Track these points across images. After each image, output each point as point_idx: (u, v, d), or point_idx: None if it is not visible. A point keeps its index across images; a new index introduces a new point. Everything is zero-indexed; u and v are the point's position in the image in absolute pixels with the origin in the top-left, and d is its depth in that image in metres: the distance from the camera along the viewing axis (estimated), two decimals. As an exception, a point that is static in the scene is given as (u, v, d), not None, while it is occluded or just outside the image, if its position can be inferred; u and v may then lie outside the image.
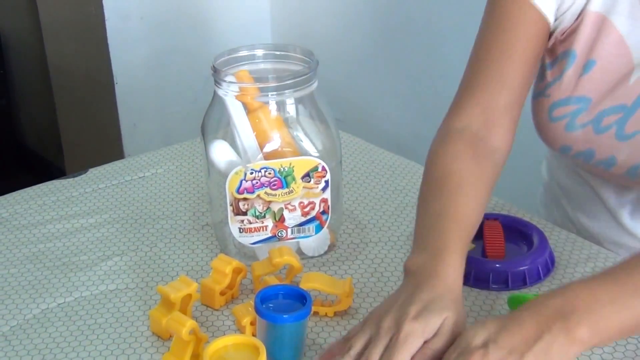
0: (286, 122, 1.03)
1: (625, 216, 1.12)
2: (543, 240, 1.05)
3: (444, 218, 0.92)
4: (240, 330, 0.93)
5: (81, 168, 1.35)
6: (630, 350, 0.90)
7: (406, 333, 0.78)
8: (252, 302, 0.93)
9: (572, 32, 1.03)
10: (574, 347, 0.76)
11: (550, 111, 1.05)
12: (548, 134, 1.07)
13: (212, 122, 1.04)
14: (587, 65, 1.02)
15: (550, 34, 1.05)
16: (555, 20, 1.03)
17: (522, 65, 1.02)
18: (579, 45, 1.02)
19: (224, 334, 0.93)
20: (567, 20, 1.02)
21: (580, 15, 1.01)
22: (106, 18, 2.47)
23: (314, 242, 1.07)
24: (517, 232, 1.08)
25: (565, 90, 1.03)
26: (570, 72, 1.03)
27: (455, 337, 0.79)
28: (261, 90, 1.01)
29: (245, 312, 0.92)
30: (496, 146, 1.02)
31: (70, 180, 1.31)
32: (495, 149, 1.02)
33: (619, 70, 1.00)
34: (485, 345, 0.75)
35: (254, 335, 0.90)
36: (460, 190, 0.96)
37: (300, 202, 1.03)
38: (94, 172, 1.33)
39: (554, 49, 1.05)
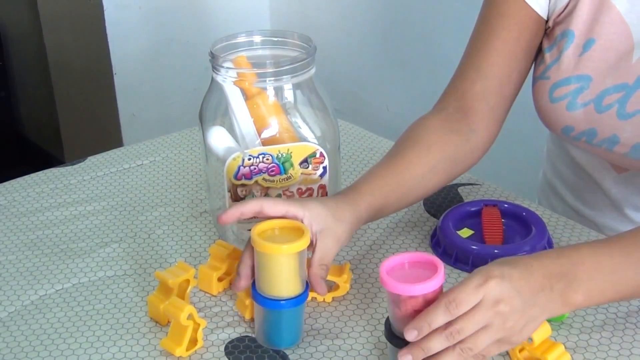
0: (284, 108, 1.03)
1: (628, 207, 1.12)
2: (542, 226, 1.05)
3: (379, 165, 1.02)
4: (241, 311, 0.93)
5: (80, 158, 1.35)
6: (627, 342, 0.90)
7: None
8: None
9: (569, 13, 1.04)
10: (565, 308, 0.82)
11: (551, 92, 1.06)
12: (550, 116, 1.07)
13: (210, 109, 1.04)
14: (586, 44, 1.03)
15: (548, 19, 1.05)
16: (550, 4, 1.04)
17: (501, 55, 1.06)
18: (577, 24, 1.03)
19: (222, 320, 0.93)
20: (562, 2, 1.04)
21: None
22: (105, 8, 2.47)
23: (312, 228, 1.07)
24: (516, 218, 1.08)
25: (566, 71, 1.04)
26: (569, 52, 1.04)
27: None
28: (259, 76, 1.00)
29: (249, 293, 0.92)
30: (471, 128, 1.06)
31: (69, 168, 1.31)
32: (470, 130, 1.06)
33: (620, 48, 1.01)
34: (502, 276, 0.78)
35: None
36: (412, 148, 1.03)
37: (299, 189, 1.03)
38: (92, 160, 1.33)
39: (552, 32, 1.05)
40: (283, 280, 0.87)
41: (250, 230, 1.04)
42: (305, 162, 1.02)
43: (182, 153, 1.35)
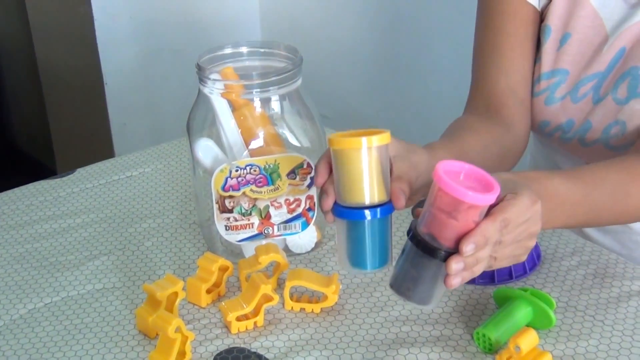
0: (271, 119, 1.03)
1: None
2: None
3: (438, 141, 1.00)
4: (227, 326, 0.93)
5: (72, 168, 1.35)
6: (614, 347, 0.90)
7: None
8: (240, 299, 0.93)
9: (547, 8, 1.07)
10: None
11: (533, 87, 1.09)
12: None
13: (197, 121, 1.04)
14: (563, 39, 1.07)
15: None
16: (539, 0, 1.08)
17: (515, 50, 1.08)
18: (553, 20, 1.07)
19: (211, 332, 0.93)
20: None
21: None
22: (95, 18, 2.47)
23: (300, 239, 1.07)
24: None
25: (545, 65, 1.08)
26: (548, 46, 1.07)
27: None
28: (246, 87, 1.01)
29: (232, 308, 0.93)
30: (507, 122, 1.07)
31: (58, 180, 1.31)
32: (506, 124, 1.07)
33: (594, 42, 1.05)
34: (539, 198, 0.81)
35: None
36: (463, 130, 1.04)
37: (286, 199, 1.03)
38: (81, 172, 1.33)
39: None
40: (365, 182, 0.80)
41: (238, 241, 1.04)
42: (292, 173, 1.02)
43: (172, 164, 1.35)
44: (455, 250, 0.76)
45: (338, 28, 2.57)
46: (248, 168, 1.01)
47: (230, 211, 1.02)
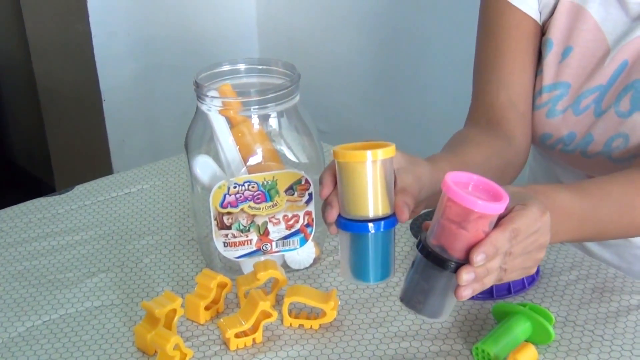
0: (269, 136, 1.03)
1: None
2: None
3: (439, 153, 1.01)
4: (226, 342, 0.93)
5: (70, 185, 1.35)
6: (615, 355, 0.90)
7: None
8: (238, 316, 0.93)
9: (549, 21, 1.08)
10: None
11: (534, 100, 1.09)
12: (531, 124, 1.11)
13: (195, 137, 1.04)
14: (565, 52, 1.07)
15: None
16: (540, 13, 1.09)
17: (516, 63, 1.09)
18: (555, 33, 1.07)
19: (209, 349, 0.93)
20: (546, 12, 1.08)
21: (556, 4, 1.07)
22: (93, 35, 2.48)
23: (298, 255, 1.07)
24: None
25: (547, 78, 1.08)
26: (549, 59, 1.08)
27: None
28: (244, 104, 1.01)
29: (230, 324, 0.92)
30: (508, 135, 1.08)
31: (57, 197, 1.31)
32: (508, 137, 1.08)
33: (595, 55, 1.05)
34: (548, 209, 0.81)
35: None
36: (463, 143, 1.05)
37: (285, 215, 1.03)
38: (80, 189, 1.33)
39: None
40: (369, 195, 0.80)
41: (236, 258, 1.04)
42: (290, 189, 1.02)
43: (170, 180, 1.36)
44: (465, 261, 0.77)
45: (335, 44, 2.58)
46: (246, 184, 1.01)
47: (229, 228, 1.03)
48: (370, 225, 0.81)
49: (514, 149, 1.09)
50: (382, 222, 0.81)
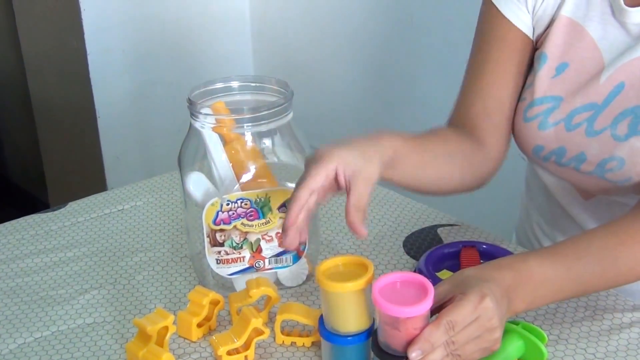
0: (262, 153, 1.04)
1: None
2: (520, 267, 1.05)
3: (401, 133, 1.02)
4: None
5: (64, 201, 1.35)
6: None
7: None
8: (231, 333, 0.93)
9: (545, 36, 1.08)
10: (508, 314, 0.87)
11: (525, 112, 1.10)
12: (523, 136, 1.11)
13: (188, 154, 1.05)
14: (560, 67, 1.07)
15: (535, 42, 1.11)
16: (534, 28, 1.09)
17: (497, 75, 1.10)
18: (550, 48, 1.07)
19: (201, 366, 0.93)
20: (541, 27, 1.09)
21: (552, 19, 1.07)
22: (88, 52, 2.48)
23: (291, 272, 1.07)
24: (494, 258, 1.08)
25: (539, 92, 1.08)
26: (542, 73, 1.08)
27: None
28: (237, 121, 1.01)
29: (223, 342, 0.92)
30: (481, 142, 1.10)
31: (49, 214, 1.31)
32: (480, 143, 1.10)
33: (590, 71, 1.05)
34: (490, 294, 0.82)
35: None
36: (431, 134, 1.08)
37: (277, 233, 1.03)
38: (73, 206, 1.33)
39: (535, 54, 1.10)
40: (351, 316, 0.87)
41: (229, 275, 1.04)
42: (283, 206, 1.02)
43: (163, 197, 1.36)
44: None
45: (330, 63, 2.59)
46: (239, 202, 1.01)
47: (222, 245, 1.03)
48: (350, 338, 0.87)
49: (482, 155, 1.11)
50: (362, 335, 0.87)
